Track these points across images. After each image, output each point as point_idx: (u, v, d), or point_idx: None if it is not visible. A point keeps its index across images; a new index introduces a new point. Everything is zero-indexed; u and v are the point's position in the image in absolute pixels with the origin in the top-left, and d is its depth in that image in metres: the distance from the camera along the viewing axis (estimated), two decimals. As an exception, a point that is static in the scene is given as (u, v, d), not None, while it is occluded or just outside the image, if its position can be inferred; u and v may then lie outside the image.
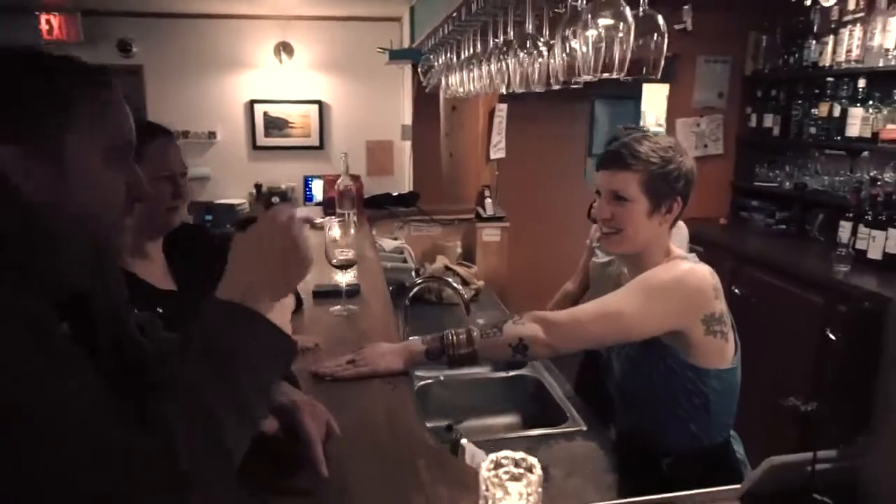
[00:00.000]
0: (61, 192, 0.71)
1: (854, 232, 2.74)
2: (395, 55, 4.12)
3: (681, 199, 1.32)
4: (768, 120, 3.50)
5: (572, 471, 1.53)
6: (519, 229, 3.58)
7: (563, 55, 1.10)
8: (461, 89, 2.10)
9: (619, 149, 1.34)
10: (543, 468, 1.73)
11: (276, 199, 4.88)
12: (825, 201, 3.19)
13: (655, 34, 1.07)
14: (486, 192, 3.40)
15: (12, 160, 0.67)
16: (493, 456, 0.76)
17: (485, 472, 0.74)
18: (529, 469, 0.74)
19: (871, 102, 2.87)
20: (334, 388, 1.18)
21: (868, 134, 2.83)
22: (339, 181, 2.33)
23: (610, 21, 1.01)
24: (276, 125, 5.03)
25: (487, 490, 0.73)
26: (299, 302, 1.62)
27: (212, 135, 4.97)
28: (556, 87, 1.49)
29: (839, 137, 2.99)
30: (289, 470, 0.88)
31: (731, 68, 3.77)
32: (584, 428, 1.73)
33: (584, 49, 1.02)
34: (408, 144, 4.99)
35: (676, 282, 1.25)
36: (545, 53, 1.46)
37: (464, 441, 1.44)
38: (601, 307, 1.28)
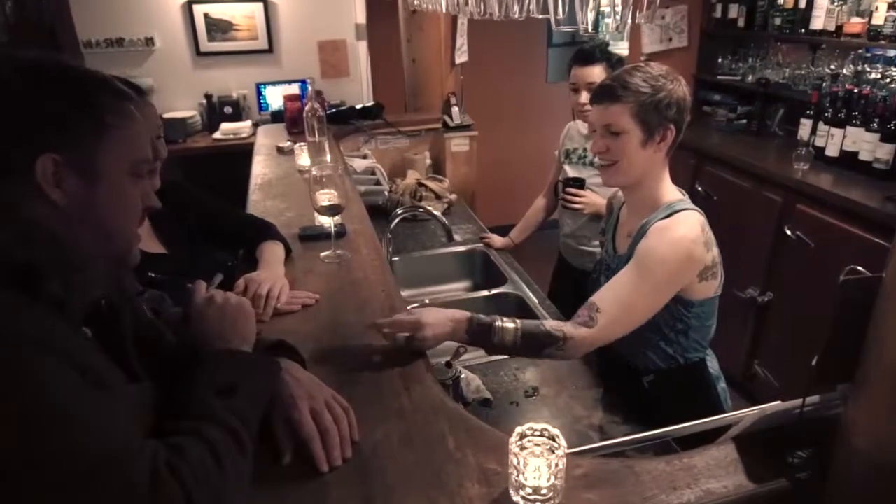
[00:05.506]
0: (90, 202, 0.73)
1: (814, 130, 2.81)
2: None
3: (674, 127, 1.32)
4: (733, 10, 3.43)
5: (560, 389, 1.64)
6: (485, 136, 3.52)
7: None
8: (430, 6, 1.99)
9: (610, 82, 1.34)
10: (535, 388, 1.83)
11: (227, 109, 4.63)
12: (786, 96, 3.23)
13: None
14: (452, 100, 3.30)
15: (51, 167, 0.69)
16: (519, 429, 0.82)
17: (513, 445, 0.80)
18: (552, 439, 0.81)
19: (836, -8, 2.84)
20: (346, 360, 1.16)
21: (832, 27, 2.81)
22: (306, 108, 2.24)
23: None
24: (219, 28, 4.67)
25: (518, 462, 0.79)
26: (288, 250, 1.62)
27: (149, 41, 4.59)
28: (539, 17, 1.45)
29: (803, 30, 2.97)
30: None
31: (698, -47, 3.63)
32: (568, 345, 1.84)
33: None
34: (363, 45, 4.75)
35: (675, 257, 1.28)
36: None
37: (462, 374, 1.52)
38: (620, 309, 1.29)
